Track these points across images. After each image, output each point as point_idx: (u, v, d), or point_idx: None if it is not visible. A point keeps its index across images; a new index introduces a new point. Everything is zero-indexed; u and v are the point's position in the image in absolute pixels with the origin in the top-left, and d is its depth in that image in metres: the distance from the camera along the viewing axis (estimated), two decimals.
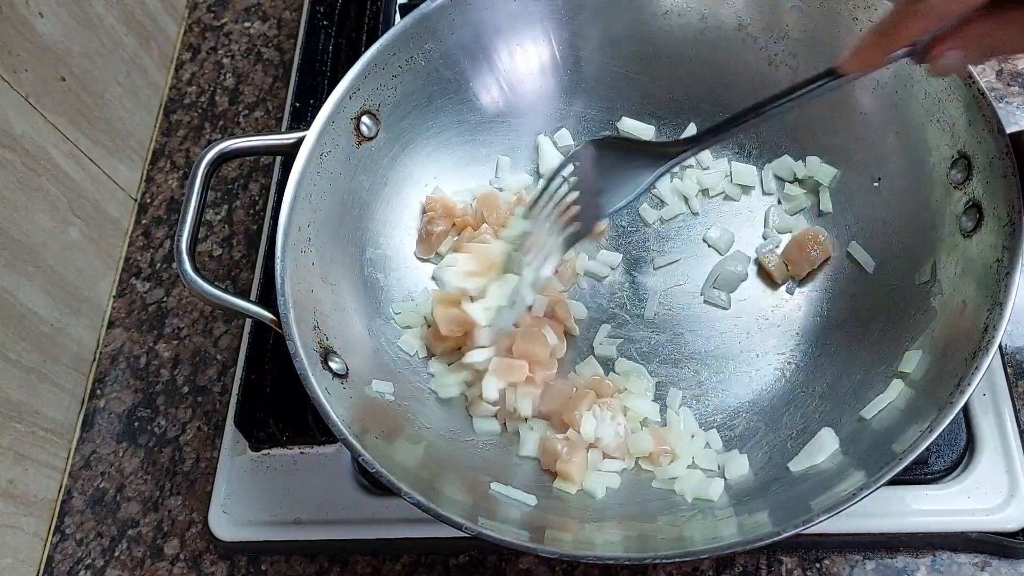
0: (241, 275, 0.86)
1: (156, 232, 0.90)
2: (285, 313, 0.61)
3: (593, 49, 0.78)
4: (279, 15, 1.01)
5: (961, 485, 0.65)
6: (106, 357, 0.84)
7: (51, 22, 0.80)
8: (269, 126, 0.94)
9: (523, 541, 0.55)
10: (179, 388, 0.82)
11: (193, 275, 0.61)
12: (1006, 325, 0.55)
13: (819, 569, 0.66)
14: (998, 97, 0.82)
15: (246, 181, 0.91)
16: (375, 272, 0.73)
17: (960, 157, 0.63)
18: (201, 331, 0.84)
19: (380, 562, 0.71)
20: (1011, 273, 0.56)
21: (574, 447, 0.66)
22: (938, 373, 0.59)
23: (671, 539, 0.60)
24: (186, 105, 0.97)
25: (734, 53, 0.76)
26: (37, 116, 0.77)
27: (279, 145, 0.68)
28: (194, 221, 0.63)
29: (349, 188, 0.71)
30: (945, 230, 0.64)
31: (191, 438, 0.79)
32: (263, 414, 0.73)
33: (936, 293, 0.63)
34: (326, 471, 0.72)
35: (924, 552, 0.66)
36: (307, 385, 0.59)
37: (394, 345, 0.71)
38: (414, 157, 0.76)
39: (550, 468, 0.66)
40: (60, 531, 0.77)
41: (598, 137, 0.70)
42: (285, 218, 0.65)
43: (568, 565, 0.69)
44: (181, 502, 0.76)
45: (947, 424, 0.53)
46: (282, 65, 0.98)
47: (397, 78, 0.72)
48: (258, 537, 0.71)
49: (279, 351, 0.73)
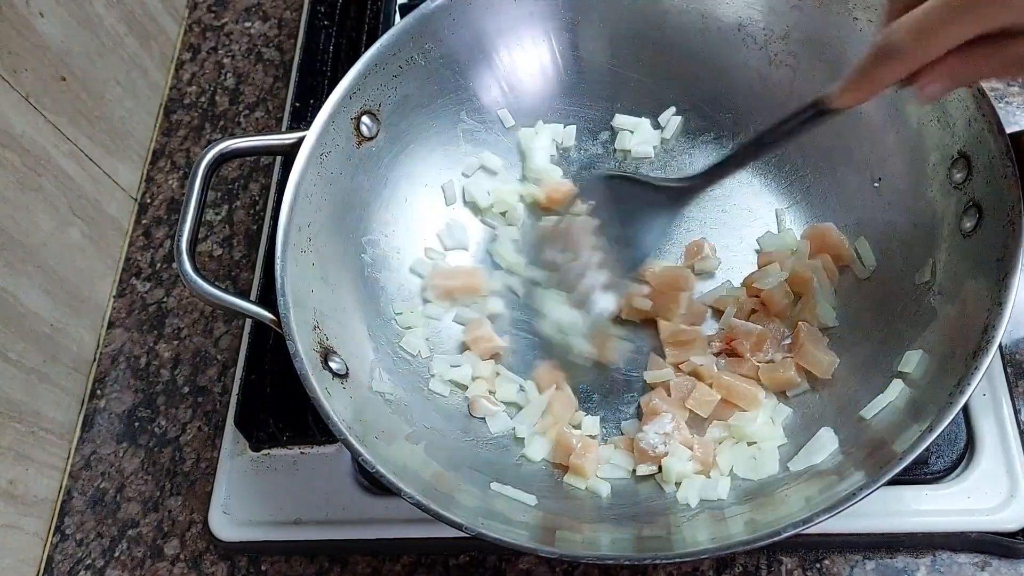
0: (241, 275, 0.86)
1: (156, 232, 0.90)
2: (285, 313, 0.61)
3: (593, 49, 0.78)
4: (279, 15, 1.01)
5: (961, 485, 0.64)
6: (106, 357, 0.84)
7: (51, 22, 0.80)
8: (269, 126, 0.94)
9: (523, 541, 0.55)
10: (179, 388, 0.82)
11: (193, 275, 0.61)
12: (1006, 325, 0.55)
13: (819, 569, 0.66)
14: (998, 97, 0.82)
15: (246, 181, 0.91)
16: (375, 272, 0.73)
17: (960, 157, 0.63)
18: (201, 331, 0.84)
19: (380, 562, 0.71)
20: (1011, 273, 0.56)
21: (588, 443, 0.66)
22: (938, 373, 0.59)
23: (671, 539, 0.60)
24: (186, 105, 0.97)
25: (734, 53, 0.76)
26: (37, 116, 0.77)
27: (279, 145, 0.68)
28: (194, 221, 0.63)
29: (349, 188, 0.71)
30: (945, 230, 0.64)
31: (191, 438, 0.79)
32: (263, 414, 0.73)
33: (936, 293, 0.63)
34: (326, 471, 0.72)
35: (924, 552, 0.66)
36: (307, 385, 0.59)
37: (394, 345, 0.71)
38: (414, 157, 0.76)
39: (562, 461, 0.66)
40: (60, 531, 0.77)
41: (611, 174, 0.71)
42: (285, 218, 0.65)
43: (568, 565, 0.69)
44: (181, 502, 0.76)
45: (947, 424, 0.53)
46: (282, 65, 0.98)
47: (397, 78, 0.72)
48: (258, 537, 0.71)
49: (279, 351, 0.73)
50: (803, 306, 0.70)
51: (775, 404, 0.67)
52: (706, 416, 0.67)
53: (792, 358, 0.68)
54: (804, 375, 0.67)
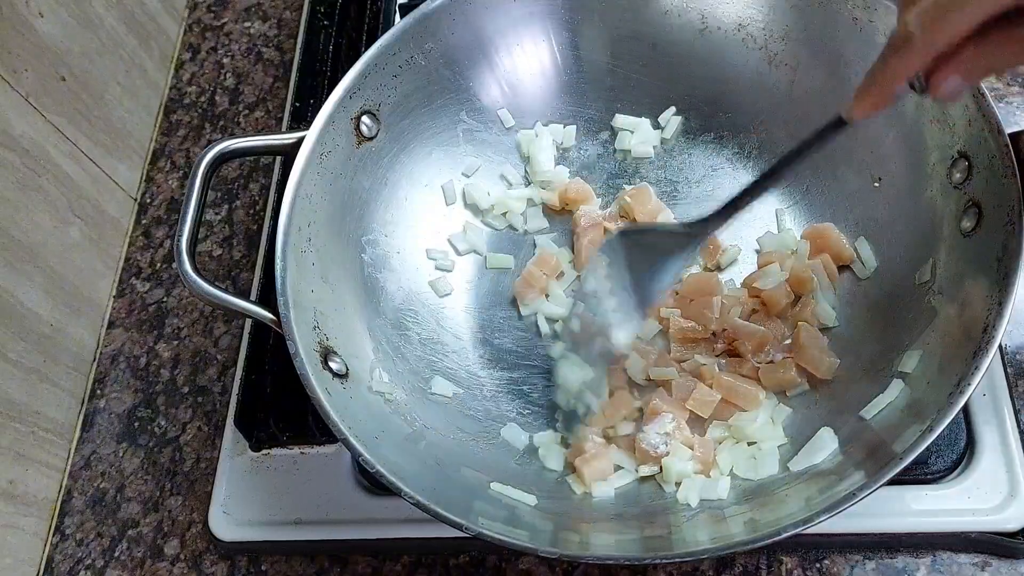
0: (241, 275, 0.86)
1: (156, 232, 0.90)
2: (285, 313, 0.61)
3: (593, 49, 0.78)
4: (279, 15, 1.01)
5: (961, 485, 0.65)
6: (106, 357, 0.84)
7: (51, 22, 0.80)
8: (269, 126, 0.94)
9: (523, 541, 0.55)
10: (179, 388, 0.82)
11: (193, 275, 0.61)
12: (1006, 325, 0.55)
13: (819, 569, 0.66)
14: (998, 97, 0.82)
15: (246, 181, 0.91)
16: (375, 272, 0.73)
17: (960, 157, 0.63)
18: (201, 331, 0.84)
19: (380, 562, 0.71)
20: (1011, 273, 0.56)
21: (602, 450, 0.66)
22: (938, 373, 0.59)
23: (671, 539, 0.60)
24: (186, 105, 0.97)
25: (734, 53, 0.76)
26: (37, 116, 0.77)
27: (279, 145, 0.68)
28: (194, 221, 0.63)
29: (349, 188, 0.71)
30: (945, 230, 0.64)
31: (191, 438, 0.79)
32: (263, 414, 0.73)
33: (936, 293, 0.63)
34: (326, 471, 0.72)
35: (924, 552, 0.66)
36: (307, 385, 0.59)
37: (395, 345, 0.71)
38: (414, 157, 0.76)
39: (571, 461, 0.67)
40: (60, 531, 0.77)
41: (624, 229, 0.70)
42: (285, 218, 0.65)
43: (568, 565, 0.69)
44: (181, 502, 0.76)
45: (947, 424, 0.53)
46: (282, 65, 0.98)
47: (397, 78, 0.72)
48: (258, 537, 0.71)
49: (279, 351, 0.73)
50: (803, 306, 0.70)
51: (775, 404, 0.67)
52: (706, 416, 0.67)
53: (792, 358, 0.68)
54: (804, 375, 0.67)
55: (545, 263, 0.75)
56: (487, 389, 0.72)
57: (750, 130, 0.77)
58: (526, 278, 0.74)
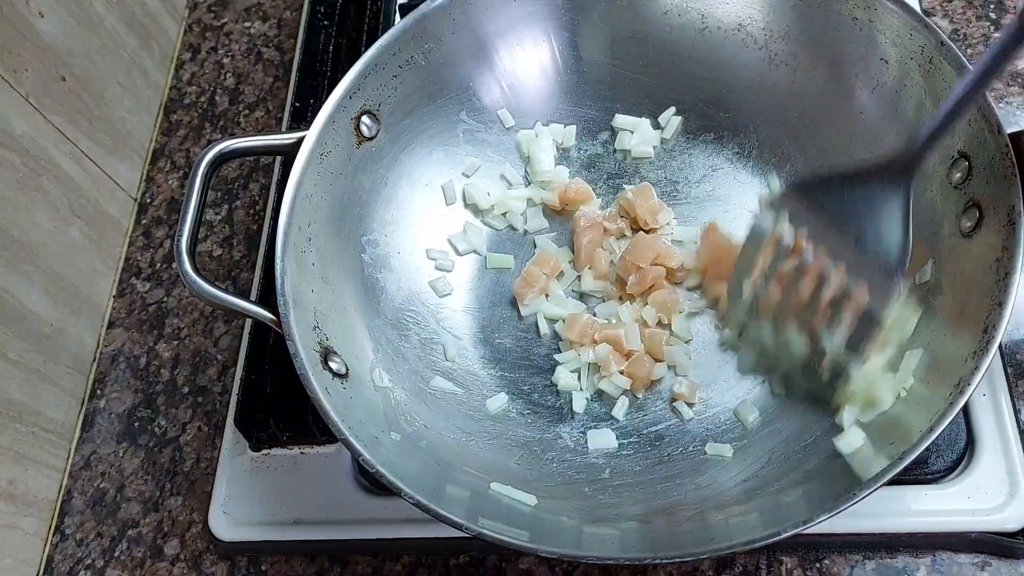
0: (241, 275, 0.86)
1: (156, 232, 0.90)
2: (285, 313, 0.61)
3: (593, 49, 0.78)
4: (279, 15, 1.01)
5: (961, 485, 0.65)
6: (106, 357, 0.84)
7: (51, 22, 0.80)
8: (269, 126, 0.94)
9: (523, 541, 0.55)
10: (179, 388, 0.82)
11: (193, 275, 0.61)
12: (1006, 325, 0.55)
13: (819, 569, 0.66)
14: (998, 97, 0.82)
15: (246, 181, 0.91)
16: (375, 272, 0.73)
17: (960, 157, 0.63)
18: (201, 331, 0.84)
19: (380, 562, 0.71)
20: (1011, 273, 0.56)
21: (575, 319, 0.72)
22: (938, 373, 0.59)
23: (671, 539, 0.60)
24: (186, 105, 0.97)
25: (734, 53, 0.76)
26: (37, 116, 0.77)
27: (279, 145, 0.68)
28: (194, 221, 0.63)
29: (349, 188, 0.71)
30: (945, 230, 0.64)
31: (191, 438, 0.79)
32: (263, 414, 0.73)
33: (936, 293, 0.63)
34: (326, 471, 0.72)
35: (924, 552, 0.66)
36: (307, 385, 0.59)
37: (396, 345, 0.71)
38: (414, 157, 0.76)
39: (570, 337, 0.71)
40: (60, 531, 0.77)
41: (796, 182, 0.64)
42: (285, 218, 0.65)
43: (568, 565, 0.69)
44: (181, 502, 0.76)
45: (947, 424, 0.53)
46: (282, 65, 0.98)
47: (397, 78, 0.72)
48: (258, 537, 0.71)
49: (279, 351, 0.73)
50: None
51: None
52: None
53: None
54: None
55: (545, 263, 0.75)
56: (487, 389, 0.72)
57: (750, 130, 0.77)
58: (526, 278, 0.74)
